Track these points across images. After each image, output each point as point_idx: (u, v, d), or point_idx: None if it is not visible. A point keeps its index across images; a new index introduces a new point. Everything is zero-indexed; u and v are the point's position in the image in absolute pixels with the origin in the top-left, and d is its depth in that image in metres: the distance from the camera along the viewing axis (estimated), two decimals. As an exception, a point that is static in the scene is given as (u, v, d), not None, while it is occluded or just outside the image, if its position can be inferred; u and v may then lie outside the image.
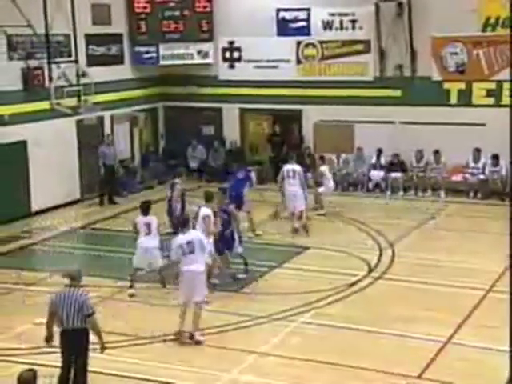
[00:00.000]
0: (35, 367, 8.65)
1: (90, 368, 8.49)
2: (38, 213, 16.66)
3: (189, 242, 9.68)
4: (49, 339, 8.11)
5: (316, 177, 16.97)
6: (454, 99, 18.19)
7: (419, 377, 8.77)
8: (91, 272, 11.56)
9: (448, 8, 17.47)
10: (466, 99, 18.00)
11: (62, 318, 7.85)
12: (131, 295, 11.45)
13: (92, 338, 8.05)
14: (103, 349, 8.12)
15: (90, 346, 8.09)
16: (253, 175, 15.25)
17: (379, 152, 18.66)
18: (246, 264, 12.24)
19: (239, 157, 20.21)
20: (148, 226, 11.38)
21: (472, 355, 9.33)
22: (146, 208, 11.66)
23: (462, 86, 18.08)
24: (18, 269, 12.87)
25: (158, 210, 16.73)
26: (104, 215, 16.97)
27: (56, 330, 8.06)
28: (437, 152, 17.87)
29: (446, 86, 18.25)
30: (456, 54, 18.09)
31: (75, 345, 7.94)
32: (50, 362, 8.71)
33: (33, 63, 16.53)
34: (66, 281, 8.09)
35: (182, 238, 9.75)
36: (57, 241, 15.23)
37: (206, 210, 11.36)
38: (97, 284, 11.58)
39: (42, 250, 14.57)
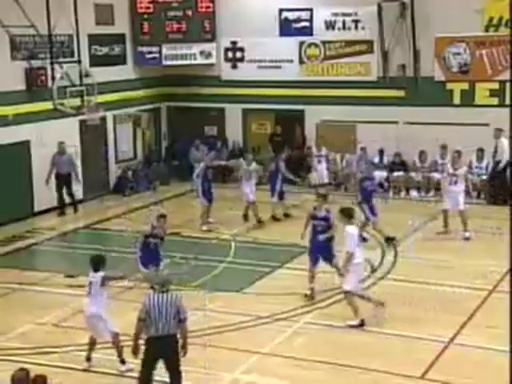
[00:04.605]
0: (37, 367, 8.72)
1: (91, 368, 8.52)
2: (40, 213, 16.66)
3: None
4: (137, 351, 7.90)
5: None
6: (457, 99, 18.17)
7: (422, 377, 8.76)
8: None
9: (451, 8, 17.46)
10: (469, 99, 17.97)
11: (158, 324, 7.66)
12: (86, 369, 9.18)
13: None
14: (185, 353, 8.03)
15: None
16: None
17: (381, 152, 18.64)
18: None
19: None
20: (89, 284, 9.05)
21: (475, 356, 9.31)
22: (95, 263, 9.15)
23: (465, 86, 18.06)
24: (21, 269, 12.89)
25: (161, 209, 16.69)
26: (106, 215, 16.99)
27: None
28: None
29: (449, 86, 18.23)
30: (459, 54, 18.06)
31: (169, 351, 7.78)
32: (51, 362, 8.72)
33: (36, 63, 16.54)
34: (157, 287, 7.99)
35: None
36: (59, 241, 15.27)
37: None
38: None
39: (44, 249, 14.58)
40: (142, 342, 7.96)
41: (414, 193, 18.22)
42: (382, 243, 14.13)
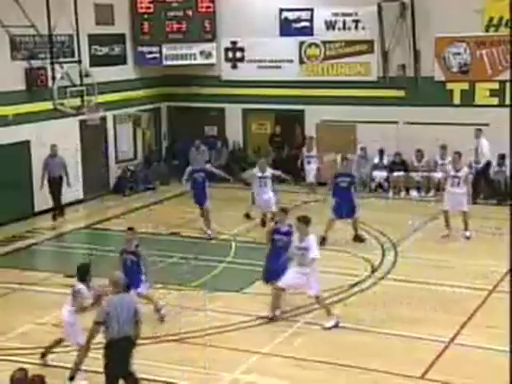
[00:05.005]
0: (37, 367, 8.73)
1: (91, 368, 8.51)
2: (40, 213, 16.65)
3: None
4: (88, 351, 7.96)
5: None
6: (457, 99, 18.17)
7: (422, 377, 8.76)
8: (94, 272, 11.54)
9: (451, 8, 17.46)
10: (469, 99, 17.97)
11: (118, 326, 7.67)
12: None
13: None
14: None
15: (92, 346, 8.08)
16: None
17: (381, 152, 18.64)
18: None
19: (241, 157, 20.24)
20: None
21: (475, 356, 9.30)
22: (82, 272, 9.07)
23: (465, 86, 18.06)
24: (21, 269, 12.88)
25: (161, 210, 16.84)
26: (106, 215, 17.00)
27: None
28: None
29: (449, 86, 18.23)
30: (459, 54, 18.06)
31: (127, 353, 7.81)
32: (53, 362, 8.71)
33: (36, 63, 16.54)
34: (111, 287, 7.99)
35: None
36: (59, 241, 15.27)
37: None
38: (100, 285, 11.53)
39: (44, 250, 14.58)
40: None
41: (414, 193, 18.22)
42: (382, 243, 14.13)
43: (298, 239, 10.28)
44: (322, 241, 13.95)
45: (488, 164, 17.19)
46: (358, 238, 14.19)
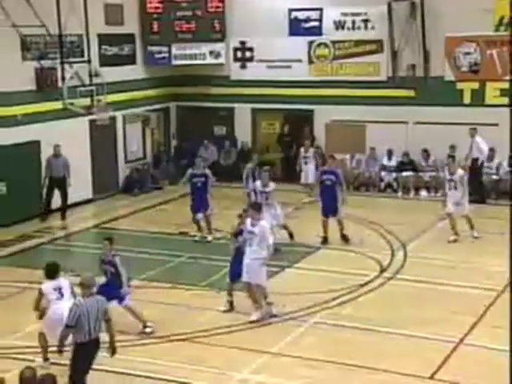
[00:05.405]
0: (46, 365, 8.76)
1: (102, 367, 8.53)
2: (50, 211, 16.69)
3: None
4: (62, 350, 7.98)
5: None
6: (467, 99, 18.11)
7: (431, 377, 8.73)
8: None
9: (461, 8, 17.39)
10: (479, 99, 17.90)
11: (89, 328, 7.69)
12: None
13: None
14: (114, 351, 8.12)
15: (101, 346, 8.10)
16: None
17: (390, 152, 18.59)
18: None
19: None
20: (59, 289, 9.08)
21: (485, 356, 9.26)
22: (53, 271, 9.24)
23: (476, 85, 17.99)
24: (31, 268, 12.92)
25: (169, 210, 16.85)
26: (117, 214, 17.04)
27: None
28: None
29: (460, 85, 18.17)
30: (469, 53, 18.00)
31: (94, 355, 7.84)
32: (62, 361, 8.72)
33: (46, 63, 16.60)
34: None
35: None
36: (69, 240, 15.32)
37: None
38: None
39: (54, 249, 14.62)
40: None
41: (423, 192, 18.17)
42: (391, 243, 14.09)
43: (249, 223, 10.36)
44: (324, 241, 13.92)
45: (482, 162, 17.25)
46: (343, 237, 14.02)
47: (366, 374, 8.88)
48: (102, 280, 9.87)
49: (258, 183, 13.90)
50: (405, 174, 18.35)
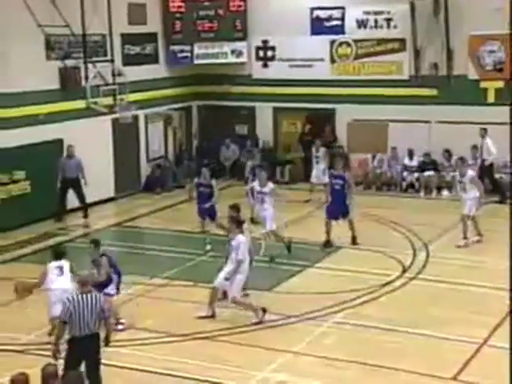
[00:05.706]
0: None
1: (122, 364, 8.58)
2: (72, 210, 16.85)
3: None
4: (57, 354, 7.93)
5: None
6: (491, 98, 17.94)
7: (454, 378, 8.68)
8: (124, 270, 11.64)
9: (485, 6, 17.23)
10: (503, 98, 17.72)
11: (81, 324, 7.74)
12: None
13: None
14: (107, 344, 8.17)
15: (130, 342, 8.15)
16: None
17: (411, 152, 18.49)
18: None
19: (271, 156, 20.23)
20: (60, 268, 9.91)
21: (507, 358, 9.15)
22: (60, 253, 10.21)
23: (500, 84, 17.81)
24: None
25: (191, 209, 16.86)
26: (136, 213, 17.13)
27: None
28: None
29: (483, 84, 18.01)
30: (493, 52, 17.83)
31: (92, 351, 7.85)
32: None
33: (70, 63, 16.75)
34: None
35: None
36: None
37: None
38: (129, 281, 11.65)
39: (75, 247, 14.73)
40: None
41: (445, 192, 18.04)
42: (413, 243, 14.02)
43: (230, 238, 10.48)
44: (327, 244, 13.80)
45: (491, 164, 17.19)
46: (354, 240, 13.89)
47: (388, 375, 8.84)
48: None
49: (256, 183, 13.64)
50: (427, 173, 18.25)
